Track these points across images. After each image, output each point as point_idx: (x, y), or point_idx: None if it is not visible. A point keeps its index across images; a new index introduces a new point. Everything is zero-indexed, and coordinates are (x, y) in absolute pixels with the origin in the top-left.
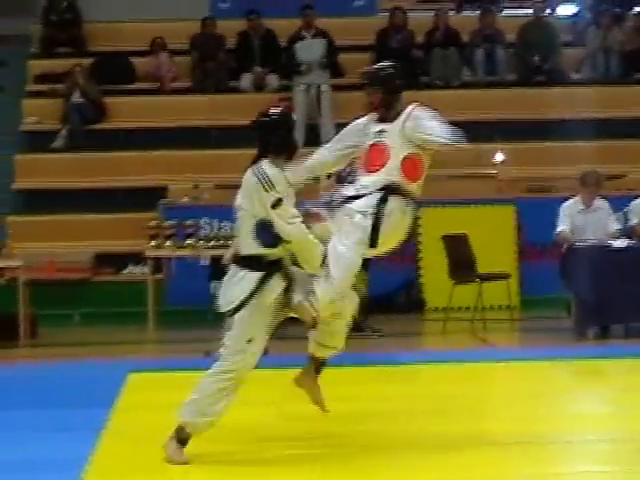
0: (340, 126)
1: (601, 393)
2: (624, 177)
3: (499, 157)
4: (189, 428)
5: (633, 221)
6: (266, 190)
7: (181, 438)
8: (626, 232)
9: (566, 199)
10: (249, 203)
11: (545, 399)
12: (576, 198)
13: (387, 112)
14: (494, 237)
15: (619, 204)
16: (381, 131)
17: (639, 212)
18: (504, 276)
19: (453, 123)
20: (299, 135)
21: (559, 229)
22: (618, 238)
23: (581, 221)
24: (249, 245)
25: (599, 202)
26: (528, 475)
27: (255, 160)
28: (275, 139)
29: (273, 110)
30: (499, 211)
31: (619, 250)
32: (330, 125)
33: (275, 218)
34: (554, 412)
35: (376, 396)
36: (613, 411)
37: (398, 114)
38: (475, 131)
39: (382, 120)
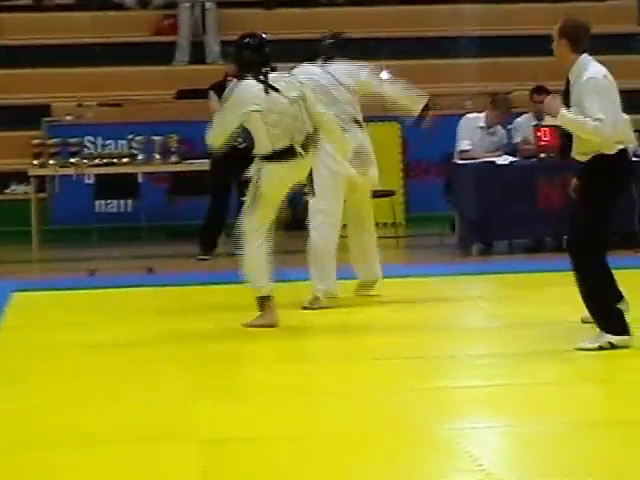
0: (225, 44)
1: (484, 308)
2: (508, 95)
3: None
4: None
5: (517, 139)
6: None
7: None
8: (510, 149)
9: (457, 116)
10: None
11: (427, 314)
12: (478, 115)
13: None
14: (379, 154)
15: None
16: None
17: (522, 130)
18: (389, 193)
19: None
20: (184, 54)
21: (463, 147)
22: (502, 155)
23: (478, 139)
24: None
25: (498, 126)
26: (410, 389)
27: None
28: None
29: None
30: (384, 128)
31: (502, 167)
32: (215, 43)
33: None
34: (437, 327)
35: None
36: (496, 326)
37: None
38: (361, 47)
39: None
